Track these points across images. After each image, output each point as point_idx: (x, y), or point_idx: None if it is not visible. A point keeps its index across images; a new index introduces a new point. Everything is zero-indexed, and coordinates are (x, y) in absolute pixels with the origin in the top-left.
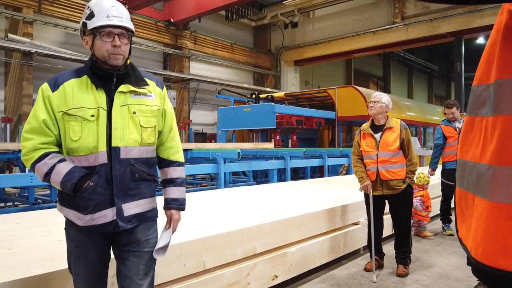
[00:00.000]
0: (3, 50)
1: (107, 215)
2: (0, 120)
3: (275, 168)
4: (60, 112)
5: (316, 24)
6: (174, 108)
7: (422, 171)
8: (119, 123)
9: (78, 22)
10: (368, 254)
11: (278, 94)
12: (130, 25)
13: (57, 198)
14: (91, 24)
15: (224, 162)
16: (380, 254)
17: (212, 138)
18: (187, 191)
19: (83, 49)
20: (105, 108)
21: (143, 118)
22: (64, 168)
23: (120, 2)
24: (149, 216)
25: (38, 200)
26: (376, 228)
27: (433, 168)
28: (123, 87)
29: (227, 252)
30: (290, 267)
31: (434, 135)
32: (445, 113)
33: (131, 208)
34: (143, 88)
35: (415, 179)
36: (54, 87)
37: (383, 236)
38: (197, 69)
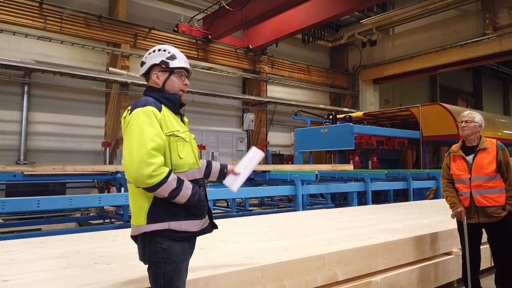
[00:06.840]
0: (104, 82)
1: (208, 219)
2: (101, 144)
3: (355, 190)
4: (165, 134)
5: (396, 41)
6: (252, 130)
7: None
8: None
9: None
10: None
11: (357, 114)
12: None
13: (150, 216)
14: (174, 64)
15: (302, 184)
16: None
17: (289, 159)
18: (264, 213)
19: None
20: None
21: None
22: (188, 183)
23: (204, 32)
24: None
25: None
26: (472, 260)
27: None
28: (185, 118)
29: (307, 277)
30: None
31: None
32: None
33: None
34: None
35: None
36: (159, 111)
37: (481, 269)
38: (274, 92)
